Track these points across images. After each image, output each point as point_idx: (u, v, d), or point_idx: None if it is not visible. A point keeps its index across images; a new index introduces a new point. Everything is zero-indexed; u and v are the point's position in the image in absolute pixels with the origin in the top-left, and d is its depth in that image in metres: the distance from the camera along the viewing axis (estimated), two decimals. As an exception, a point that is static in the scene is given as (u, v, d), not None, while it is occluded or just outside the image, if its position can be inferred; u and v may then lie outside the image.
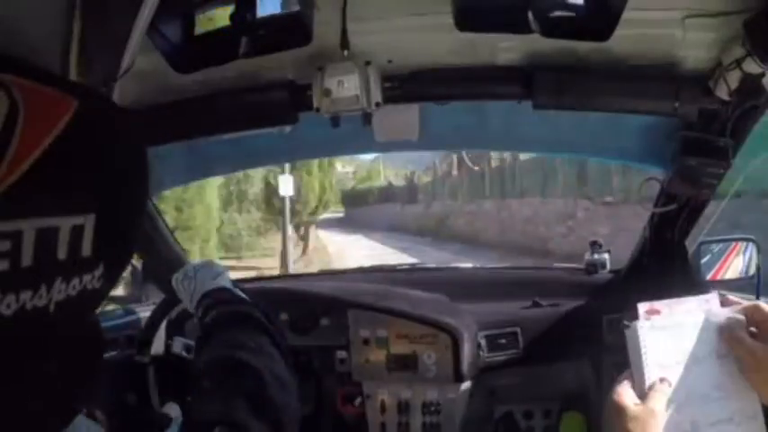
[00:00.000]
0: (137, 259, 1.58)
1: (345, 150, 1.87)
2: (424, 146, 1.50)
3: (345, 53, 0.98)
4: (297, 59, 1.03)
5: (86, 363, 0.38)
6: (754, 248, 1.30)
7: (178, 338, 1.38)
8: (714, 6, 0.87)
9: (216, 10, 0.99)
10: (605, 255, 1.59)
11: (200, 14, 0.97)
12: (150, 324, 1.39)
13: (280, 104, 1.11)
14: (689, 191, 1.17)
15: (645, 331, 0.55)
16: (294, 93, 1.09)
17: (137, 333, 1.41)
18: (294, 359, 0.77)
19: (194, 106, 1.13)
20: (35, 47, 0.47)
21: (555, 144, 1.51)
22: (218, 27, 0.97)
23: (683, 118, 1.08)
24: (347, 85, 1.01)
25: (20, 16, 0.44)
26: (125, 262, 0.39)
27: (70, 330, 0.35)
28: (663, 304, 0.56)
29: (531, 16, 0.87)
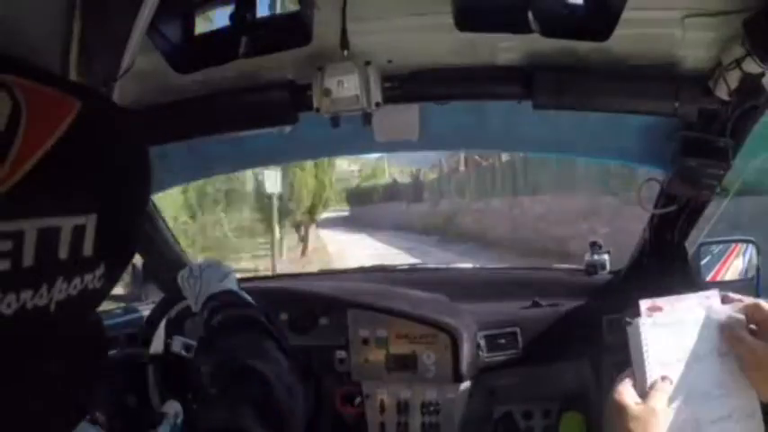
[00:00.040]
0: (137, 259, 1.58)
1: (345, 150, 1.87)
2: (424, 146, 1.50)
3: (345, 53, 0.98)
4: (297, 59, 1.03)
5: (89, 363, 0.38)
6: (753, 250, 1.31)
7: (177, 338, 1.38)
8: (714, 6, 0.87)
9: (216, 10, 0.99)
10: (605, 255, 1.59)
11: (200, 14, 0.97)
12: (150, 323, 1.39)
13: (280, 104, 1.11)
14: (689, 191, 1.17)
15: (647, 328, 0.55)
16: (294, 93, 1.09)
17: (137, 331, 1.41)
18: (294, 359, 0.77)
19: (194, 106, 1.13)
20: (35, 47, 0.47)
21: (555, 144, 1.51)
22: (218, 27, 0.97)
23: (682, 118, 1.08)
24: (347, 85, 1.01)
25: (20, 16, 0.44)
26: (126, 262, 0.39)
27: (71, 330, 0.35)
28: (664, 301, 0.56)
29: (531, 16, 0.87)
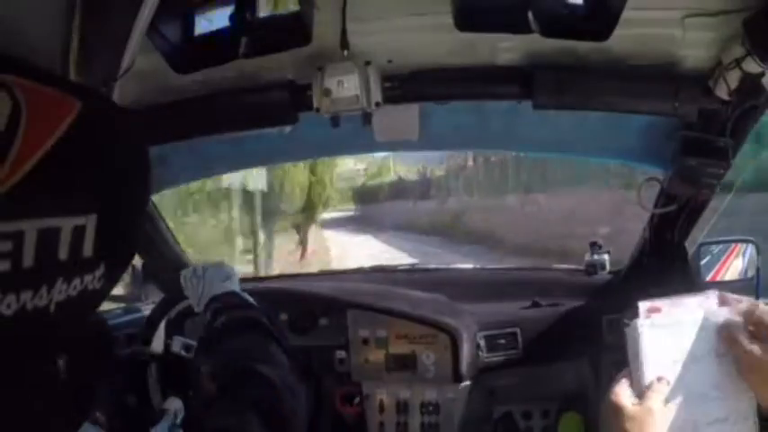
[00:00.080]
0: (137, 259, 1.58)
1: (345, 150, 1.87)
2: (424, 146, 1.50)
3: (345, 53, 0.98)
4: (297, 59, 1.03)
5: (91, 364, 0.38)
6: (753, 250, 1.31)
7: (177, 338, 1.38)
8: (714, 6, 0.87)
9: (216, 10, 0.99)
10: (605, 255, 1.59)
11: (200, 15, 0.97)
12: (150, 323, 1.39)
13: (280, 104, 1.11)
14: (689, 191, 1.17)
15: (645, 329, 0.55)
16: (294, 93, 1.09)
17: (137, 332, 1.41)
18: (295, 360, 0.77)
19: (194, 106, 1.13)
20: (35, 47, 0.47)
21: (555, 144, 1.51)
22: (218, 27, 0.97)
23: (682, 118, 1.08)
24: (347, 85, 1.01)
25: (20, 16, 0.44)
26: (126, 262, 0.39)
27: (72, 331, 0.35)
28: (663, 303, 0.56)
29: (530, 16, 0.87)
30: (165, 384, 1.36)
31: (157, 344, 1.39)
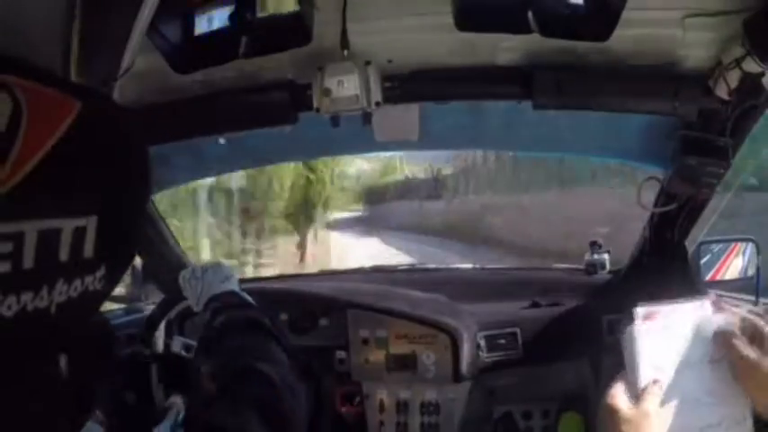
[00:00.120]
0: (137, 259, 1.58)
1: (345, 150, 1.87)
2: (423, 146, 1.51)
3: (345, 53, 0.98)
4: (297, 59, 1.03)
5: (93, 364, 0.38)
6: (753, 249, 1.31)
7: (177, 338, 1.38)
8: (714, 6, 0.87)
9: (216, 10, 0.99)
10: (605, 255, 1.59)
11: (200, 15, 0.97)
12: (150, 323, 1.39)
13: (280, 104, 1.11)
14: (689, 190, 1.17)
15: (641, 335, 0.55)
16: (294, 92, 1.09)
17: (137, 332, 1.41)
18: (295, 359, 0.77)
19: (194, 106, 1.13)
20: (35, 47, 0.47)
21: (555, 144, 1.51)
22: (218, 27, 0.97)
23: (682, 117, 1.08)
24: (347, 85, 1.01)
25: (20, 16, 0.44)
26: (127, 263, 0.39)
27: (73, 332, 0.35)
28: (659, 308, 0.57)
29: (530, 16, 0.87)
30: (167, 383, 1.36)
31: (158, 343, 1.39)
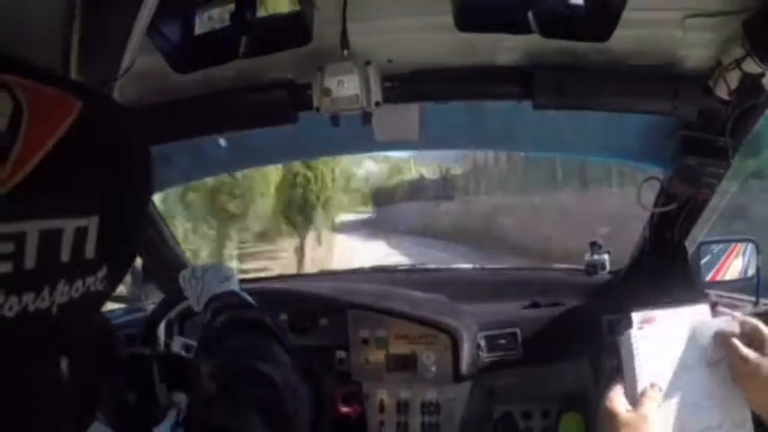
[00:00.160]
0: (137, 259, 1.58)
1: (346, 150, 1.87)
2: (423, 145, 1.51)
3: (345, 53, 0.98)
4: (297, 59, 1.03)
5: (96, 365, 0.38)
6: (753, 249, 1.30)
7: (177, 338, 1.38)
8: (713, 6, 0.87)
9: (216, 10, 0.99)
10: (605, 255, 1.59)
11: (201, 14, 0.97)
12: (150, 323, 1.39)
13: (280, 104, 1.11)
14: (689, 190, 1.17)
15: (638, 340, 0.56)
16: (294, 92, 1.09)
17: (137, 332, 1.41)
18: (296, 360, 0.77)
19: (194, 106, 1.13)
20: (35, 47, 0.47)
21: (555, 144, 1.51)
22: (218, 27, 0.97)
23: (682, 117, 1.08)
24: (347, 85, 1.01)
25: (20, 16, 0.44)
26: (128, 263, 0.39)
27: (75, 332, 0.35)
28: (657, 313, 0.57)
29: (530, 17, 0.87)
30: (168, 383, 1.36)
31: (158, 343, 1.39)
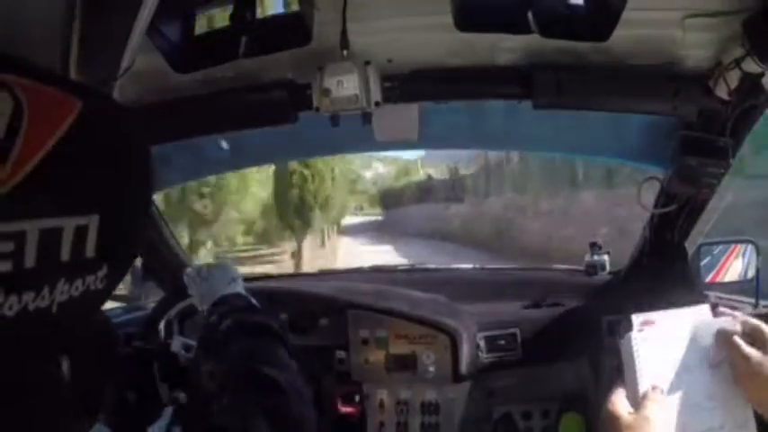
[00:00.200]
0: (137, 258, 1.58)
1: (346, 150, 1.88)
2: (423, 145, 1.51)
3: (345, 53, 0.98)
4: (297, 59, 1.03)
5: (97, 364, 0.38)
6: (753, 251, 1.30)
7: (177, 337, 1.38)
8: (713, 6, 0.87)
9: (216, 10, 0.99)
10: (605, 256, 1.59)
11: (201, 14, 0.98)
12: (150, 323, 1.39)
13: (280, 104, 1.11)
14: (689, 191, 1.17)
15: (638, 342, 0.56)
16: (294, 92, 1.09)
17: (137, 330, 1.41)
18: (299, 362, 0.76)
19: (194, 105, 1.13)
20: (35, 47, 0.47)
21: (555, 144, 1.51)
22: (218, 27, 0.97)
23: (682, 117, 1.08)
24: (347, 85, 1.01)
25: (20, 16, 0.44)
26: (129, 262, 0.39)
27: (75, 331, 0.35)
28: (657, 315, 0.57)
29: (530, 16, 0.87)
30: (168, 382, 1.37)
31: (158, 343, 1.40)
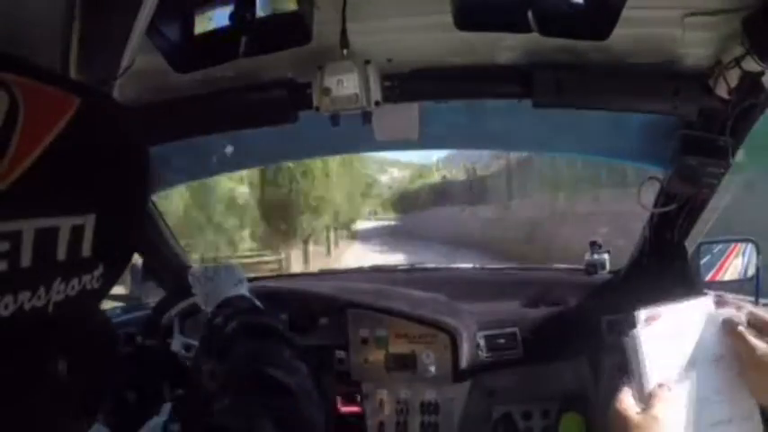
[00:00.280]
0: (137, 258, 1.58)
1: (346, 149, 1.88)
2: (423, 145, 1.51)
3: (345, 52, 0.98)
4: (297, 58, 1.03)
5: (97, 364, 0.38)
6: (753, 249, 1.30)
7: (178, 337, 1.38)
8: (713, 5, 0.87)
9: (216, 9, 0.99)
10: (605, 255, 1.59)
11: (200, 14, 0.97)
12: (150, 322, 1.39)
13: (279, 103, 1.11)
14: (689, 190, 1.17)
15: (644, 338, 0.55)
16: (294, 91, 1.09)
17: (137, 330, 1.41)
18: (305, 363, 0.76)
19: (194, 105, 1.13)
20: (35, 46, 0.48)
21: (555, 143, 1.51)
22: (218, 26, 0.97)
23: (682, 117, 1.08)
24: (347, 84, 1.01)
25: (20, 16, 0.44)
26: (125, 262, 0.39)
27: (71, 331, 0.35)
28: (661, 310, 0.56)
29: (530, 15, 0.87)
30: (170, 380, 1.37)
31: (158, 342, 1.40)
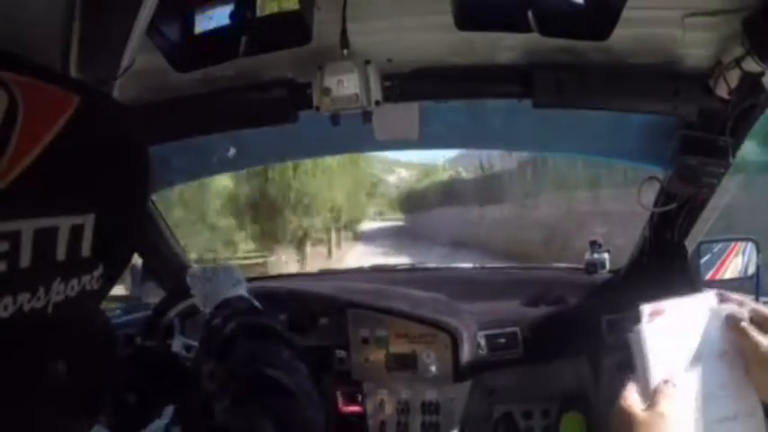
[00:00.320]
0: (136, 258, 1.58)
1: (346, 149, 1.88)
2: (423, 144, 1.51)
3: (345, 52, 0.99)
4: (297, 58, 1.03)
5: (97, 365, 0.38)
6: (753, 248, 1.30)
7: (178, 337, 1.38)
8: (713, 5, 0.87)
9: (216, 8, 0.99)
10: (605, 254, 1.59)
11: (200, 13, 0.97)
12: (150, 322, 1.39)
13: (280, 103, 1.11)
14: (689, 190, 1.17)
15: (648, 334, 0.54)
16: (294, 91, 1.09)
17: (137, 331, 1.41)
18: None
19: (194, 104, 1.13)
20: (36, 46, 0.47)
21: (555, 143, 1.51)
22: (218, 25, 0.97)
23: (682, 117, 1.08)
24: (347, 84, 1.01)
25: (20, 16, 0.44)
26: (125, 262, 0.39)
27: (71, 331, 0.35)
28: (665, 305, 0.56)
29: (530, 15, 0.87)
30: (171, 381, 1.37)
31: (158, 343, 1.40)
